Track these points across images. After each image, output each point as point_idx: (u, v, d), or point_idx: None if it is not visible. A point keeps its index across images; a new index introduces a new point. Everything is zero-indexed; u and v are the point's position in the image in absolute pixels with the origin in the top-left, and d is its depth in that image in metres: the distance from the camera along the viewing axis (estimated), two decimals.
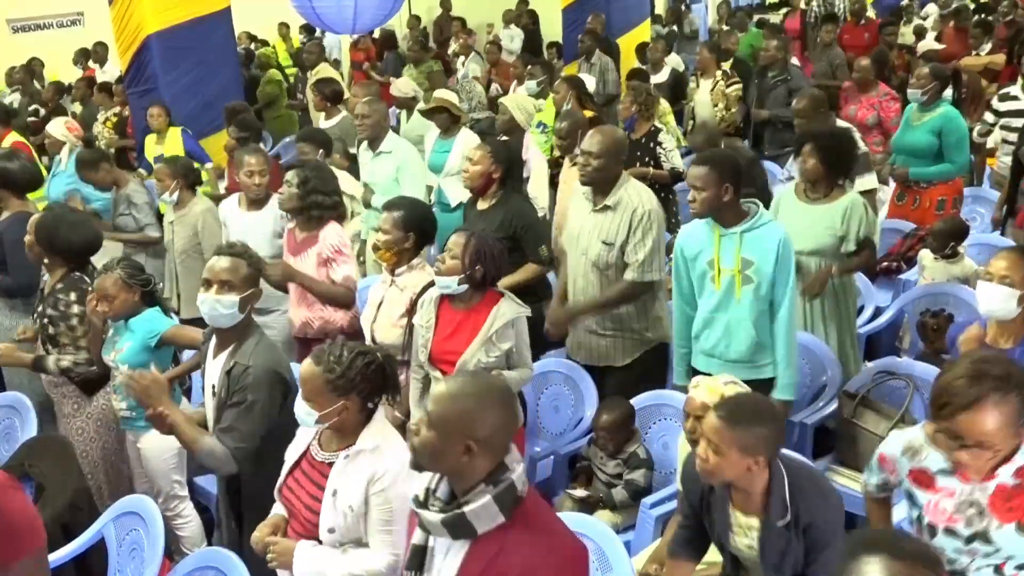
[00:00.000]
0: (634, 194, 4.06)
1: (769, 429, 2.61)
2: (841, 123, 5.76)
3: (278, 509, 2.87)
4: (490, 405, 2.08)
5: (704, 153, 3.77)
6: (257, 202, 5.00)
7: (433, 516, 2.07)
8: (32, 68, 12.21)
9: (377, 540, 2.64)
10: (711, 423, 2.62)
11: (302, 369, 2.69)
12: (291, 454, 2.85)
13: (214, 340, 3.28)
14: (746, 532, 2.76)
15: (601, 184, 4.08)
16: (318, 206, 4.38)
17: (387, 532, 2.63)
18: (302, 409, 2.68)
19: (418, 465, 2.13)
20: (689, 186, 3.72)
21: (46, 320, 4.00)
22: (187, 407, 3.98)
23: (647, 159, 6.22)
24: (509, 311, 3.54)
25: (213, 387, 3.19)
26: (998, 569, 2.35)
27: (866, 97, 6.90)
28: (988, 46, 9.21)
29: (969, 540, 2.36)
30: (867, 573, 1.75)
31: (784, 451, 2.78)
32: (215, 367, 3.21)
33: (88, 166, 5.94)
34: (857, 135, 5.40)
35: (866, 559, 1.76)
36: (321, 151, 5.58)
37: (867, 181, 5.29)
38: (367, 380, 2.66)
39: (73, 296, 3.98)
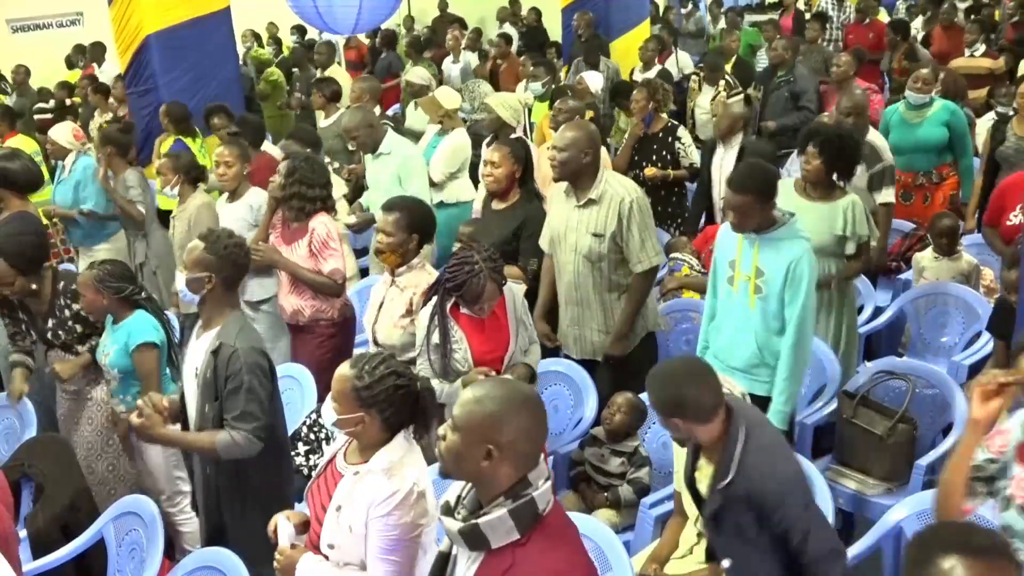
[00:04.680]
0: (617, 186, 4.08)
1: (684, 394, 2.69)
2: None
3: (303, 509, 2.81)
4: (515, 410, 2.04)
5: (742, 177, 3.58)
6: (232, 194, 5.10)
7: (453, 524, 2.06)
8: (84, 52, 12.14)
9: (375, 568, 2.49)
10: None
11: (339, 368, 2.62)
12: (325, 458, 2.76)
13: (199, 323, 3.34)
14: (704, 478, 2.84)
15: (577, 179, 4.08)
16: (299, 197, 4.39)
17: (385, 561, 2.48)
18: (329, 409, 2.63)
19: (446, 472, 2.11)
20: (728, 208, 3.65)
21: (60, 331, 4.03)
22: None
23: (664, 153, 6.21)
24: (515, 287, 3.74)
25: (196, 368, 3.22)
26: None
27: None
28: (982, 47, 9.14)
29: None
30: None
31: (756, 419, 2.80)
32: (199, 348, 3.24)
33: (114, 142, 6.01)
34: (886, 147, 5.35)
35: (943, 562, 1.67)
36: (309, 151, 5.59)
37: (887, 194, 5.23)
38: (392, 403, 2.53)
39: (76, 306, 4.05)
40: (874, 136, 5.39)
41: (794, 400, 3.68)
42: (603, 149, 5.70)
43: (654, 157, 6.20)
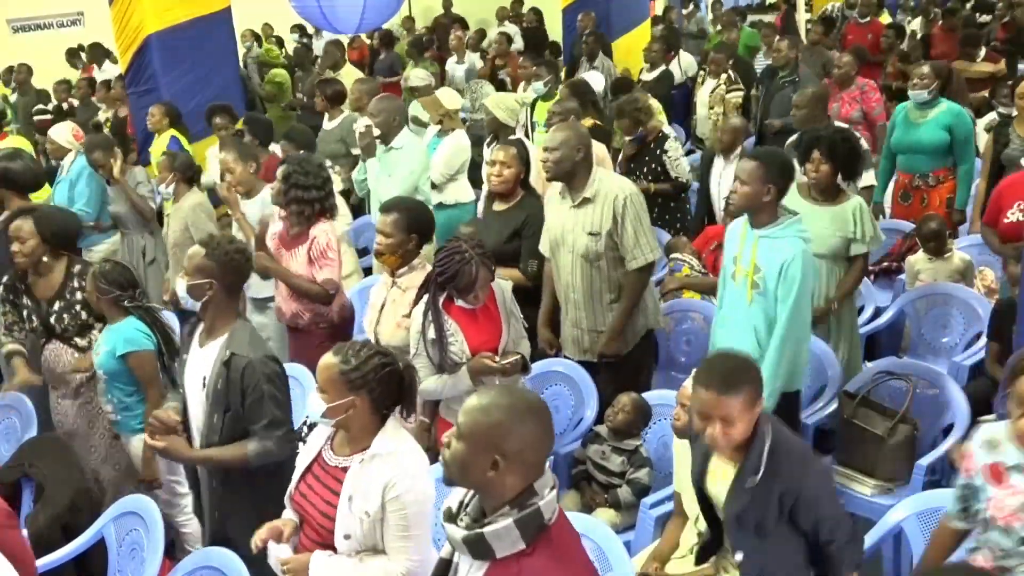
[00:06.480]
0: (611, 183, 4.10)
1: (755, 375, 2.65)
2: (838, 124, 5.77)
3: (288, 515, 2.83)
4: (521, 419, 1.99)
5: (758, 150, 3.73)
6: (247, 192, 5.13)
7: (456, 532, 2.02)
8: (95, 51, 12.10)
9: (394, 547, 2.59)
10: (710, 401, 2.58)
11: (321, 359, 2.69)
12: (302, 460, 2.81)
13: (199, 330, 3.33)
14: (719, 478, 2.79)
15: (571, 178, 4.10)
16: (297, 201, 4.36)
17: (404, 538, 2.58)
18: (315, 401, 2.66)
19: (450, 480, 2.07)
20: (735, 176, 3.73)
21: (65, 315, 4.03)
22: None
23: (654, 165, 6.13)
24: (502, 282, 3.77)
25: (204, 378, 3.20)
26: None
27: (846, 92, 6.90)
28: (983, 52, 9.14)
29: (1022, 541, 2.37)
30: None
31: (776, 422, 2.75)
32: (205, 356, 3.23)
33: (101, 149, 5.99)
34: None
35: None
36: (302, 152, 5.59)
37: (867, 177, 5.36)
38: (380, 382, 2.62)
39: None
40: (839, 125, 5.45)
41: (775, 397, 3.62)
42: (603, 147, 5.69)
43: (645, 169, 6.11)
